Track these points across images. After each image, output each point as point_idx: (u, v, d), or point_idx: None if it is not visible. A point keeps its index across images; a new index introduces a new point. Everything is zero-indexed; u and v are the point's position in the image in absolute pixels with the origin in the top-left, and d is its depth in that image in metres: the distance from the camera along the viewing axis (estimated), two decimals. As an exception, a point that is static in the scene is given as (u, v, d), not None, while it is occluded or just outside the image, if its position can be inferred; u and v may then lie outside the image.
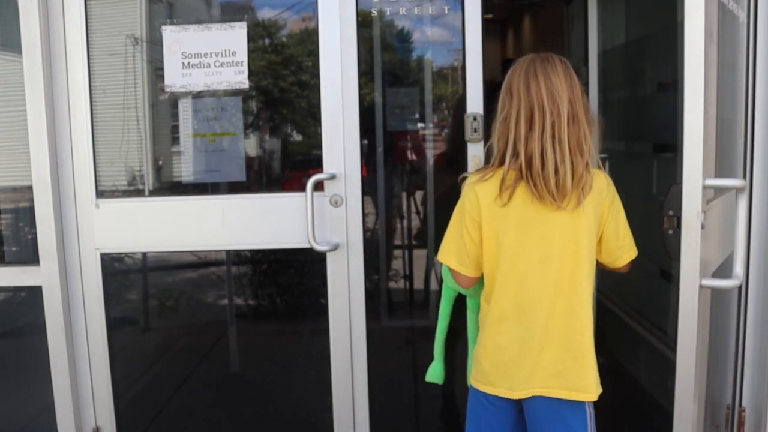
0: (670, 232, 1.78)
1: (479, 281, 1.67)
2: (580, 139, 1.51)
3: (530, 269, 1.56)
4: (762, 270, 2.36)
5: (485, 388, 1.64)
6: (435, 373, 1.87)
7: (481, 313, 1.69)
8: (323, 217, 2.17)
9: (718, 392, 2.49)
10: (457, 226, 1.62)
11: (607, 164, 3.42)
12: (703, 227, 1.74)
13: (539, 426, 1.62)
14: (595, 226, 1.58)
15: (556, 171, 1.49)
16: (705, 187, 1.75)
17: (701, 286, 1.78)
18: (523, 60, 1.59)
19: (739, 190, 1.79)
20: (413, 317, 2.81)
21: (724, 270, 2.46)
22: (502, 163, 1.55)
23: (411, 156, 2.66)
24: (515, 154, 1.53)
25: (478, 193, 1.57)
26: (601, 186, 1.58)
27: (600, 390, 1.63)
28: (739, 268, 1.78)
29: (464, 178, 1.64)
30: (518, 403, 1.64)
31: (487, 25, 2.19)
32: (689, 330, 1.81)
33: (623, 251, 1.65)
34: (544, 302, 1.57)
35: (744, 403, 2.43)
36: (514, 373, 1.60)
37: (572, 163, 1.50)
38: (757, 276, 2.37)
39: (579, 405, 1.60)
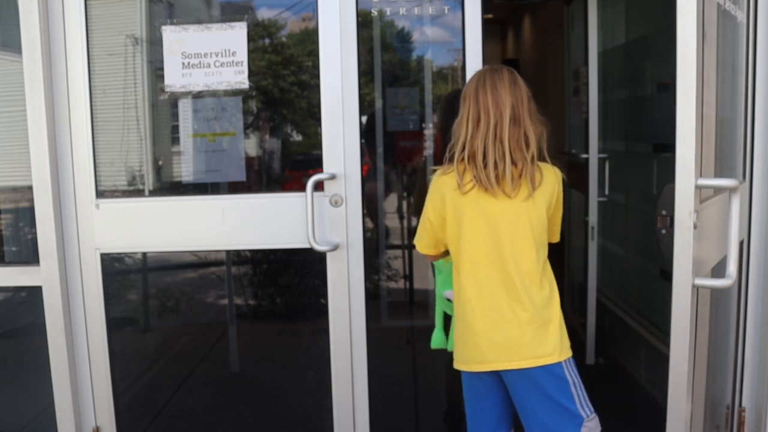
0: (663, 231, 1.81)
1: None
2: (520, 138, 1.73)
3: (485, 251, 1.75)
4: (762, 270, 2.36)
5: (461, 366, 1.81)
6: (436, 339, 2.02)
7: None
8: (323, 217, 2.17)
9: (719, 392, 2.49)
10: (423, 212, 1.87)
11: (606, 164, 3.42)
12: (695, 227, 1.76)
13: (518, 396, 1.76)
14: (545, 213, 1.77)
15: (496, 166, 1.71)
16: (698, 187, 1.77)
17: (694, 285, 1.79)
18: (477, 71, 1.83)
19: (732, 191, 1.79)
20: (413, 317, 2.81)
21: (723, 268, 2.46)
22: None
23: (411, 156, 2.66)
24: (464, 151, 1.75)
25: (442, 184, 1.79)
26: (552, 180, 1.79)
27: (566, 353, 1.76)
28: (732, 268, 1.79)
29: (433, 171, 1.85)
30: (498, 375, 1.78)
31: (487, 25, 2.19)
32: (683, 329, 1.83)
33: (550, 235, 1.85)
34: (499, 281, 1.74)
35: (744, 403, 2.43)
36: (480, 347, 1.75)
37: (512, 159, 1.72)
38: (757, 276, 2.37)
39: (552, 369, 1.71)
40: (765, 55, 2.30)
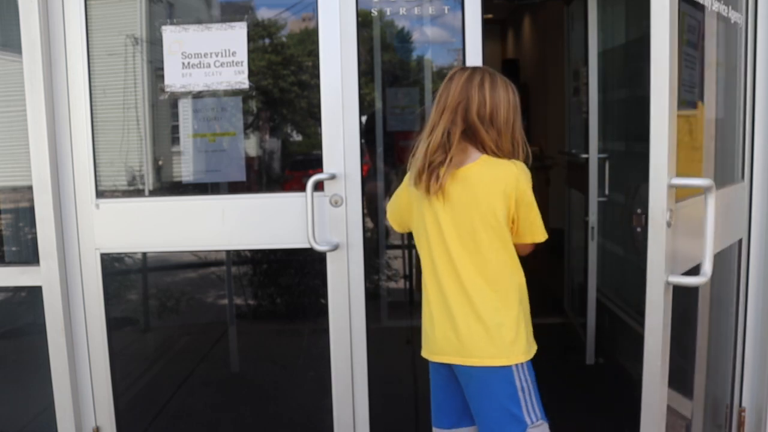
0: (638, 229, 1.82)
1: None
2: (454, 140, 1.68)
3: (439, 249, 1.75)
4: (762, 270, 2.36)
5: (423, 353, 1.84)
6: None
7: None
8: (323, 217, 2.17)
9: (719, 392, 2.50)
10: (398, 190, 1.92)
11: (606, 164, 3.43)
12: (669, 225, 1.77)
13: (466, 390, 1.77)
14: (497, 214, 1.70)
15: (431, 171, 1.70)
16: (671, 186, 1.78)
17: (668, 282, 1.82)
18: None
19: (707, 190, 1.79)
20: (413, 317, 2.82)
21: (723, 265, 2.46)
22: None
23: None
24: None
25: (409, 177, 1.81)
26: (501, 178, 1.70)
27: (519, 357, 1.72)
28: (707, 266, 1.79)
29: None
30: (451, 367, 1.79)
31: (487, 25, 2.19)
32: (656, 324, 1.86)
33: (527, 235, 1.77)
34: (451, 280, 1.74)
35: (744, 403, 2.44)
36: (436, 338, 1.78)
37: (444, 162, 1.68)
38: (757, 276, 2.37)
39: (499, 371, 1.70)
40: (765, 55, 2.30)
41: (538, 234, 1.77)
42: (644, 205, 1.80)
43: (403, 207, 1.88)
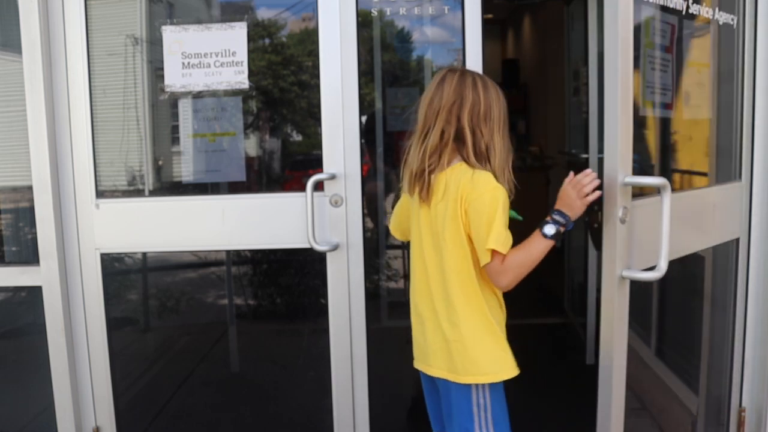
0: (596, 225, 1.85)
1: None
2: (430, 143, 1.68)
3: (416, 255, 1.78)
4: (762, 270, 2.36)
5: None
6: None
7: None
8: (323, 217, 2.17)
9: (722, 391, 2.50)
10: (400, 199, 1.93)
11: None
12: (623, 222, 1.79)
13: (442, 398, 1.79)
14: (452, 223, 1.65)
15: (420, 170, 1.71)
16: (625, 185, 1.81)
17: (622, 277, 1.83)
18: None
19: (661, 188, 1.79)
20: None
21: (723, 264, 2.46)
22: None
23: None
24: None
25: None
26: (454, 184, 1.65)
27: (480, 378, 1.68)
28: (662, 263, 1.79)
29: None
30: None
31: (487, 25, 2.19)
32: (609, 317, 1.86)
33: (480, 253, 1.63)
34: (423, 286, 1.76)
35: (744, 403, 2.44)
36: (415, 346, 1.82)
37: (423, 164, 1.68)
38: (757, 276, 2.37)
39: (457, 386, 1.71)
40: (765, 55, 2.30)
41: (484, 257, 1.61)
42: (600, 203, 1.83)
43: (404, 214, 1.89)
